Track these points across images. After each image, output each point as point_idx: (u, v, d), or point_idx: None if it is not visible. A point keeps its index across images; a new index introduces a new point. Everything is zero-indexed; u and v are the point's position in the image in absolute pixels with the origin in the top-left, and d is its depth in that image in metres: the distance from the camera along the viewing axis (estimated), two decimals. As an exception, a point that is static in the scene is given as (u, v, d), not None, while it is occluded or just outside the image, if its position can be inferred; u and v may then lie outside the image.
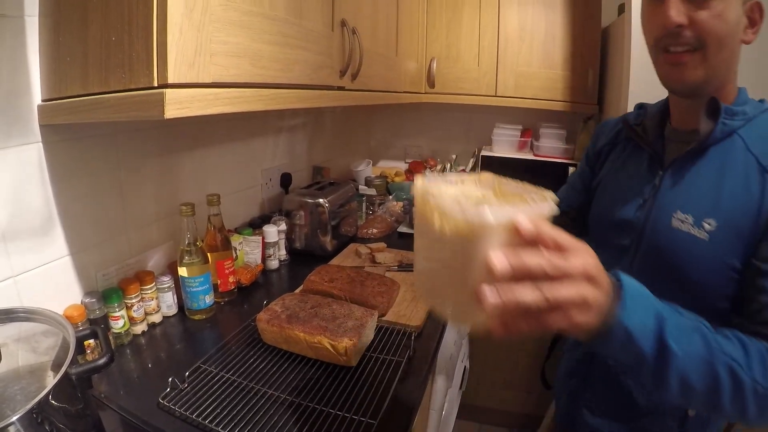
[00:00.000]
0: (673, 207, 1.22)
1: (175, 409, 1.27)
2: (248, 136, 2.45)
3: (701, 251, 1.15)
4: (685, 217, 1.18)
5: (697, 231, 1.15)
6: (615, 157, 1.54)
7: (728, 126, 1.17)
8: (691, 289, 1.17)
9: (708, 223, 1.14)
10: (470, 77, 3.09)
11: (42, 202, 1.40)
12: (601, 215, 1.49)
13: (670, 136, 1.34)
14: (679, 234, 1.19)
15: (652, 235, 1.27)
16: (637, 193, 1.34)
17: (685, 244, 1.18)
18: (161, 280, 1.75)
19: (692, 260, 1.17)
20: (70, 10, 1.18)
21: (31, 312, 1.14)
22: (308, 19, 1.51)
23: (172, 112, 0.97)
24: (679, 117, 1.32)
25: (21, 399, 0.92)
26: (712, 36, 1.10)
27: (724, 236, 1.12)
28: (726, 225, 1.12)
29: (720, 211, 1.13)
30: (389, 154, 4.06)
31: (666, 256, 1.22)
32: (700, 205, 1.17)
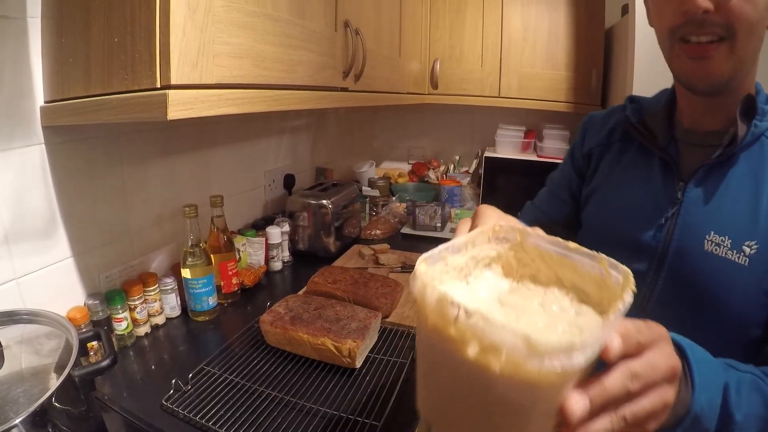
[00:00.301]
0: (705, 228, 1.05)
1: (179, 411, 1.27)
2: (251, 137, 2.45)
3: (740, 278, 0.99)
4: (722, 239, 1.02)
5: (736, 255, 0.99)
6: (612, 160, 1.32)
7: (759, 128, 1.02)
8: (725, 319, 1.02)
9: (749, 246, 0.98)
10: (473, 78, 3.08)
11: (45, 203, 1.40)
12: (606, 233, 1.27)
13: (684, 138, 1.16)
14: (715, 260, 1.02)
15: (678, 260, 1.09)
16: (655, 209, 1.15)
17: (722, 272, 1.01)
18: (164, 282, 1.74)
19: (730, 288, 1.01)
20: (72, 11, 1.18)
21: (34, 314, 1.14)
22: (311, 20, 1.51)
23: (175, 113, 0.97)
24: (694, 117, 1.14)
25: (24, 401, 0.92)
26: (743, 23, 0.92)
27: (765, 259, 0.97)
28: (767, 246, 0.97)
29: (760, 230, 0.98)
30: (392, 156, 4.06)
31: (698, 285, 1.05)
32: (738, 225, 1.01)
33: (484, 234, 0.72)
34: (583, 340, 0.46)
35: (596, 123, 1.42)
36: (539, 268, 0.70)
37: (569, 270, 0.66)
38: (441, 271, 0.66)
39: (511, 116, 3.42)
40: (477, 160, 3.58)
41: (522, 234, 0.72)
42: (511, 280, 0.72)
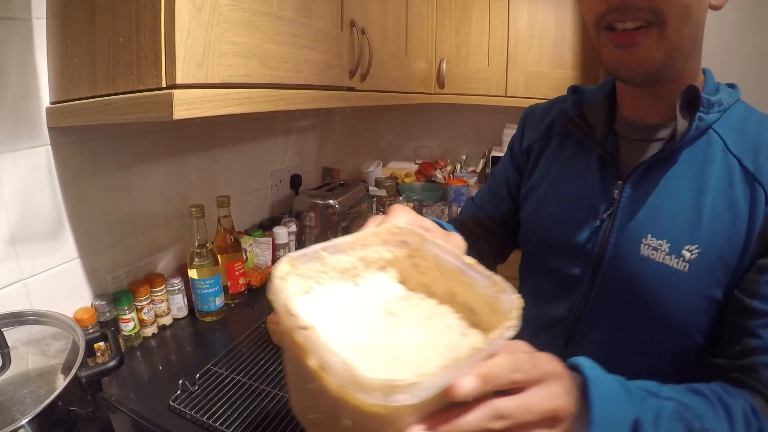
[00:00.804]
0: (641, 231, 0.98)
1: (186, 412, 1.27)
2: (258, 137, 2.45)
3: (679, 284, 0.93)
4: (659, 243, 0.95)
5: (675, 261, 0.93)
6: (550, 157, 1.23)
7: (704, 121, 0.94)
8: (665, 328, 0.97)
9: (688, 251, 0.92)
10: (480, 77, 3.07)
11: (51, 204, 1.40)
12: (540, 235, 1.20)
13: (624, 132, 1.08)
14: (651, 265, 0.96)
15: (613, 265, 1.02)
16: (589, 210, 1.07)
17: (659, 277, 0.95)
18: (171, 283, 1.74)
19: (668, 295, 0.95)
20: (77, 12, 1.18)
21: (40, 315, 1.14)
22: (317, 19, 1.51)
23: (180, 113, 0.97)
24: (633, 107, 1.06)
25: (31, 402, 0.92)
26: (673, 6, 0.83)
27: (706, 265, 0.91)
28: (708, 251, 0.91)
29: (701, 233, 0.92)
30: (399, 155, 4.06)
31: (635, 292, 0.99)
32: (678, 228, 0.94)
33: (379, 235, 0.69)
34: (411, 381, 0.44)
35: (536, 116, 1.35)
36: (435, 278, 0.67)
37: (464, 286, 0.63)
38: (317, 270, 0.65)
39: (518, 115, 3.37)
40: (484, 159, 3.57)
41: (421, 239, 0.68)
42: (405, 287, 0.69)
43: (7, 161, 1.27)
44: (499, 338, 0.50)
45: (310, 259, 0.64)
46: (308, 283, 0.64)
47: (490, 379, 0.50)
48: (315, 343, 0.47)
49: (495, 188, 1.40)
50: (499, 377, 0.51)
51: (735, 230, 0.90)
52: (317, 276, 0.65)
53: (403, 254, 0.69)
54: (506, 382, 0.52)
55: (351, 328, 0.60)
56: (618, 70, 0.95)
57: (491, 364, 0.51)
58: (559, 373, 0.59)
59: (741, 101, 1.01)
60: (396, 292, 0.67)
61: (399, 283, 0.69)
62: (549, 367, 0.58)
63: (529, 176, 1.28)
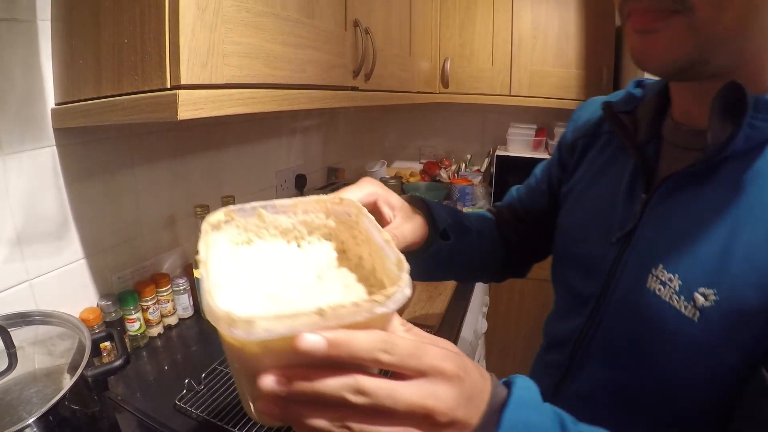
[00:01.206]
0: (654, 258, 0.78)
1: (192, 411, 1.28)
2: (262, 137, 2.45)
3: (683, 335, 0.72)
4: (669, 277, 0.74)
5: (683, 304, 0.72)
6: (595, 156, 1.04)
7: (759, 131, 0.69)
8: (665, 377, 0.77)
9: (702, 295, 0.70)
10: (484, 76, 3.08)
11: (57, 205, 1.41)
12: (561, 243, 1.07)
13: (670, 136, 0.86)
14: (655, 301, 0.76)
15: (622, 290, 0.85)
16: (609, 224, 0.90)
17: (660, 319, 0.76)
18: (177, 283, 1.75)
19: (669, 342, 0.75)
20: (82, 13, 1.18)
21: (46, 315, 1.14)
22: (321, 20, 1.51)
23: (185, 113, 0.97)
24: (679, 105, 0.85)
25: (37, 401, 0.92)
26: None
27: (722, 318, 0.68)
28: (729, 301, 0.68)
29: (725, 277, 0.68)
30: (404, 155, 4.05)
31: (636, 327, 0.81)
32: (697, 263, 0.72)
33: (321, 203, 0.69)
34: (246, 318, 0.43)
35: (590, 107, 1.14)
36: (367, 251, 0.65)
37: (381, 262, 0.60)
38: (256, 225, 0.67)
39: (522, 115, 3.41)
40: (488, 158, 3.57)
41: (359, 212, 0.67)
42: (342, 256, 0.68)
43: (13, 162, 1.28)
44: (360, 307, 0.47)
45: (249, 214, 0.66)
46: (248, 235, 0.66)
47: (339, 344, 0.45)
48: (202, 276, 0.49)
49: (537, 180, 1.27)
50: (355, 348, 0.46)
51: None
52: (257, 230, 0.67)
53: (345, 225, 0.69)
54: (368, 357, 0.47)
55: (276, 281, 0.61)
56: (639, 60, 0.74)
57: (350, 333, 0.46)
58: (451, 374, 0.51)
59: None
60: (332, 260, 0.67)
61: (338, 252, 0.69)
62: (439, 364, 0.51)
63: (571, 175, 1.11)
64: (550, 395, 0.95)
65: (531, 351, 1.24)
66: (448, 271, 1.16)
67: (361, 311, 0.46)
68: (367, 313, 0.47)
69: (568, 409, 0.59)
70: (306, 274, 0.63)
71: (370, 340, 0.47)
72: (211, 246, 0.57)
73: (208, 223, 0.59)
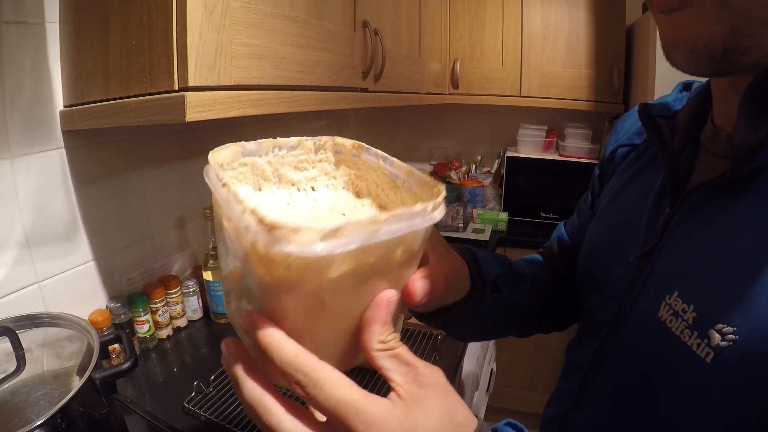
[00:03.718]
0: (669, 284, 0.67)
1: (201, 414, 1.27)
2: (272, 138, 2.43)
3: (694, 377, 0.61)
4: (683, 308, 0.62)
5: (696, 341, 0.60)
6: (628, 164, 0.92)
7: None
8: (665, 426, 0.67)
9: (719, 332, 0.57)
10: (494, 77, 3.07)
11: (65, 207, 1.41)
12: (580, 262, 0.96)
13: (708, 143, 0.73)
14: (664, 334, 0.65)
15: (636, 317, 0.74)
16: (629, 242, 0.79)
17: (668, 356, 0.65)
18: (186, 285, 1.75)
19: (673, 384, 0.65)
20: (90, 16, 1.18)
21: (55, 317, 1.14)
22: (330, 20, 1.50)
23: (193, 115, 0.96)
24: (723, 107, 0.71)
25: (45, 404, 0.92)
26: None
27: (741, 361, 0.55)
28: (753, 342, 0.55)
29: (752, 313, 0.55)
30: (414, 156, 4.04)
31: (640, 363, 0.72)
32: (717, 294, 0.59)
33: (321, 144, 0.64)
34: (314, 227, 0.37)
35: (633, 115, 0.97)
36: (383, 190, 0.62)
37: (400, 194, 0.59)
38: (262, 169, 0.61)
39: (533, 116, 3.39)
40: (499, 159, 3.56)
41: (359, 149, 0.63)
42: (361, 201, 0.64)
43: (22, 164, 1.28)
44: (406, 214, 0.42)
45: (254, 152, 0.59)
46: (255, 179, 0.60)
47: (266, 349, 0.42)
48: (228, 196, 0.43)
49: (582, 206, 1.09)
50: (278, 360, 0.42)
51: None
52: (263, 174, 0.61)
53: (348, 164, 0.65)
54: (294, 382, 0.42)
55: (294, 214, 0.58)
56: (668, 49, 0.62)
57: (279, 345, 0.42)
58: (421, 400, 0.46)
59: None
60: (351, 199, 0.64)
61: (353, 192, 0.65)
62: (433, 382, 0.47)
63: (604, 186, 1.00)
64: (561, 423, 0.90)
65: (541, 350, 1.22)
66: (506, 328, 1.02)
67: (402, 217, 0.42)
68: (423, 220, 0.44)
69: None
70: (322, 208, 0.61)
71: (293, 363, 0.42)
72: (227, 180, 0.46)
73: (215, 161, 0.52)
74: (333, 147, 0.64)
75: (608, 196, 0.93)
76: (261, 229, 0.38)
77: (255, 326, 0.43)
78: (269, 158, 0.60)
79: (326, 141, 0.63)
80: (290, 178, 0.62)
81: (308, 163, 0.63)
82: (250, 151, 0.57)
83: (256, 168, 0.58)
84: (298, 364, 0.42)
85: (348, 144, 0.62)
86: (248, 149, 0.57)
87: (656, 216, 0.75)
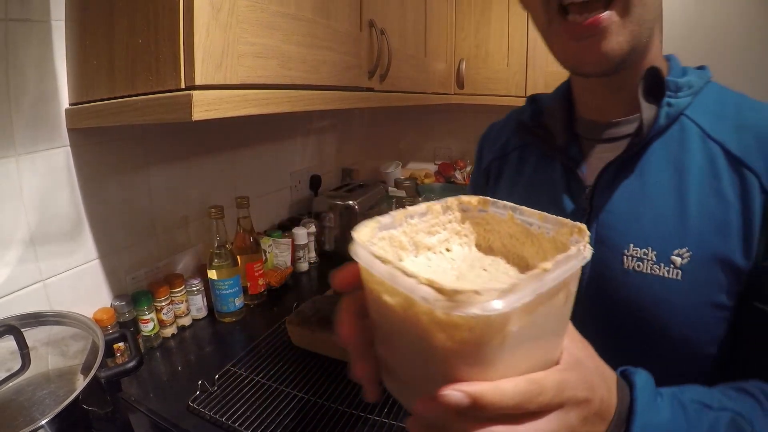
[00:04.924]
0: (621, 241, 0.85)
1: (205, 412, 1.27)
2: (277, 138, 2.45)
3: (675, 295, 0.81)
4: (644, 252, 0.83)
5: (665, 269, 0.81)
6: (512, 174, 1.12)
7: (674, 107, 0.83)
8: (668, 345, 0.84)
9: (679, 256, 0.80)
10: (499, 77, 3.05)
11: (70, 205, 1.41)
12: None
13: (587, 134, 0.96)
14: (639, 278, 0.84)
15: (596, 285, 0.89)
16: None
17: (650, 291, 0.83)
18: (191, 283, 1.75)
19: (665, 309, 0.82)
20: (96, 14, 1.18)
21: (60, 315, 1.14)
22: (336, 20, 1.50)
23: (199, 114, 0.96)
24: (591, 103, 0.96)
25: (50, 402, 0.92)
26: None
27: (701, 268, 0.79)
28: (702, 252, 0.79)
29: (690, 234, 0.80)
30: (418, 156, 4.04)
31: (625, 311, 0.86)
32: (663, 232, 0.82)
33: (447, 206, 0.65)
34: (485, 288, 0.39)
35: (494, 132, 1.26)
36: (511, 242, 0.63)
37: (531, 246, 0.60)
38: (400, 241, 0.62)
39: (538, 116, 3.38)
40: (503, 160, 3.55)
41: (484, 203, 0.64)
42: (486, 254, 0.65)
43: (27, 162, 1.28)
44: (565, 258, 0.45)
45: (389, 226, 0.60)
46: (395, 251, 0.61)
47: (481, 401, 0.42)
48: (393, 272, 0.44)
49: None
50: (498, 402, 0.43)
51: (727, 224, 0.78)
52: (401, 245, 0.62)
53: (474, 222, 0.66)
54: (511, 406, 0.44)
55: (442, 275, 0.58)
56: (578, 65, 0.84)
57: (494, 387, 0.43)
58: (581, 400, 0.50)
59: (713, 82, 0.90)
60: (481, 256, 0.64)
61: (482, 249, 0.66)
62: (574, 394, 0.49)
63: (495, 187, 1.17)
64: None
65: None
66: None
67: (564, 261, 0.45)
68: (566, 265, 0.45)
69: None
70: (474, 270, 0.61)
71: (517, 389, 0.44)
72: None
73: (360, 239, 0.52)
74: (459, 206, 0.65)
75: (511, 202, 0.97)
76: (441, 297, 0.39)
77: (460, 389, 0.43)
78: (404, 228, 0.61)
79: (452, 201, 0.65)
80: (425, 244, 0.63)
81: (439, 226, 0.65)
82: (386, 224, 0.59)
83: (393, 240, 0.60)
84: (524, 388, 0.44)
85: (474, 201, 0.64)
86: (383, 223, 0.59)
87: (574, 199, 0.94)
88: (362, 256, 0.49)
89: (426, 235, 0.63)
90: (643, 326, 0.85)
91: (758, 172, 0.77)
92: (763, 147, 0.78)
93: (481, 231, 0.66)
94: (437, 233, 0.64)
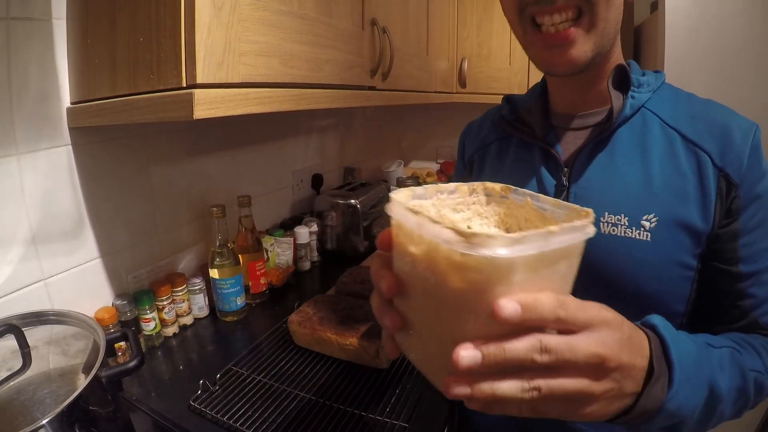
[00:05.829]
0: (598, 210, 0.93)
1: (207, 412, 1.27)
2: (279, 136, 2.45)
3: (645, 254, 0.95)
4: (618, 218, 0.97)
5: (636, 232, 0.95)
6: (494, 163, 1.26)
7: (637, 99, 1.00)
8: (638, 300, 0.97)
9: (647, 220, 0.95)
10: (502, 76, 3.05)
11: (72, 204, 1.41)
12: None
13: (561, 124, 1.12)
14: (615, 241, 0.97)
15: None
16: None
17: (624, 251, 0.96)
18: (192, 282, 1.75)
19: (637, 267, 0.96)
20: (97, 12, 1.18)
21: (61, 315, 1.14)
22: (338, 18, 1.50)
23: (201, 112, 0.96)
24: (565, 100, 1.11)
25: (51, 402, 0.92)
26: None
27: (667, 231, 0.94)
28: (666, 217, 0.94)
29: (656, 202, 0.95)
30: (421, 155, 4.04)
31: (601, 270, 0.98)
32: (632, 200, 0.97)
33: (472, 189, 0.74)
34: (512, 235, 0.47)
35: (474, 129, 1.43)
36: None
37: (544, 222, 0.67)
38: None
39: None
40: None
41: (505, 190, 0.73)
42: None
43: (28, 161, 1.28)
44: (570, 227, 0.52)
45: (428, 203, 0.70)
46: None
47: (530, 307, 0.50)
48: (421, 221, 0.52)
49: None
50: (541, 309, 0.51)
51: (686, 194, 0.94)
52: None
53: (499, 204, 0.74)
54: (550, 317, 0.52)
55: None
56: (549, 68, 1.00)
57: (534, 297, 0.51)
58: (610, 321, 0.59)
59: (666, 83, 1.07)
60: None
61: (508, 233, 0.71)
62: (599, 313, 0.58)
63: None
64: None
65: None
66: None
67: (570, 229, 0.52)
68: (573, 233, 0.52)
69: None
70: None
71: (550, 299, 0.52)
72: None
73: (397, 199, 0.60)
74: (484, 190, 0.74)
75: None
76: (461, 239, 0.47)
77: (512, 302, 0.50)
78: (433, 201, 0.70)
79: (478, 186, 0.74)
80: (450, 219, 0.71)
81: (464, 205, 0.73)
82: (418, 194, 0.68)
83: (423, 208, 0.64)
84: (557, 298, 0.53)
85: (497, 187, 0.72)
86: (417, 193, 0.68)
87: (553, 177, 1.08)
88: (396, 210, 0.57)
89: (451, 211, 0.72)
90: (620, 285, 0.97)
91: (711, 153, 0.94)
92: (714, 133, 0.95)
93: (501, 215, 0.73)
94: (461, 211, 0.73)
